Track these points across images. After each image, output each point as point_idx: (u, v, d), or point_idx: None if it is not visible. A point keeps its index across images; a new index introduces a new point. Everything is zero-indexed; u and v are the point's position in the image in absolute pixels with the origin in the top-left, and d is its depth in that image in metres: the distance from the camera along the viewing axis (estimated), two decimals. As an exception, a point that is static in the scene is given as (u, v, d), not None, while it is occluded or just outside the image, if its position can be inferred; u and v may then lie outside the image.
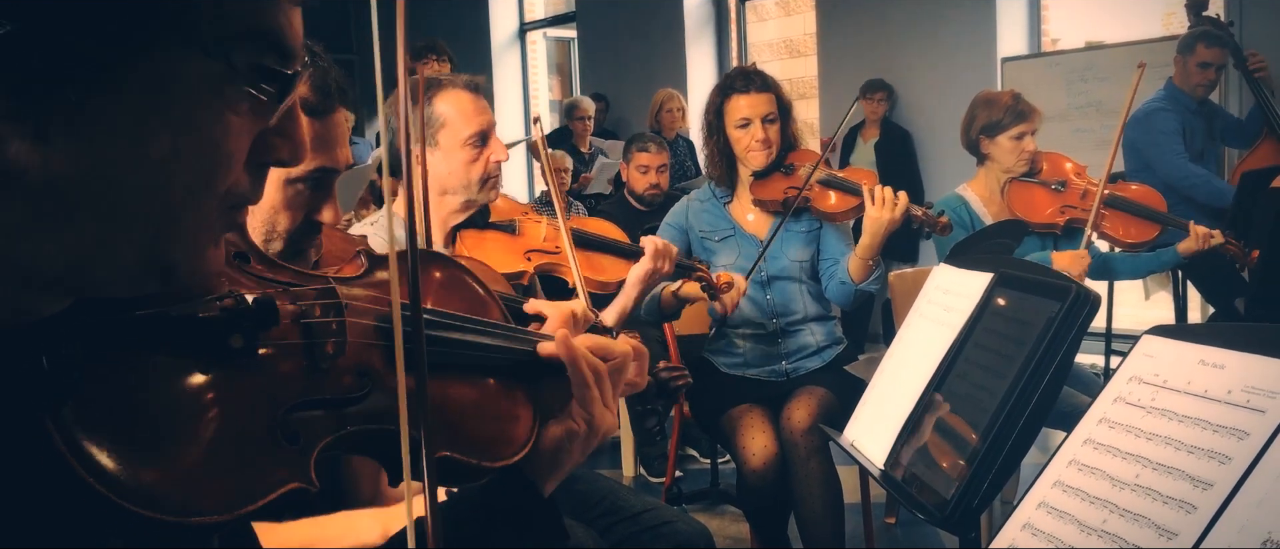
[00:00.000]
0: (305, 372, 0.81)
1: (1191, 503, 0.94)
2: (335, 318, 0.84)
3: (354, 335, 0.86)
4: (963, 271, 1.73)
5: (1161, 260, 3.57)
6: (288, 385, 0.79)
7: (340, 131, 1.44)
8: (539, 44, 10.73)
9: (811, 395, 2.98)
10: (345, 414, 0.82)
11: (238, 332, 0.75)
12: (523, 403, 1.03)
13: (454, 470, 0.93)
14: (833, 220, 3.15)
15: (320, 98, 1.39)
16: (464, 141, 2.29)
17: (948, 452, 1.49)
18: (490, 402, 1.00)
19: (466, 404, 0.97)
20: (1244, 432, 0.94)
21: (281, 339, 0.79)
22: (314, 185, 1.41)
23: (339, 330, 0.84)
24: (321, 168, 1.41)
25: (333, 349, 0.83)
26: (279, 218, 1.39)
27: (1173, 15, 8.18)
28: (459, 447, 0.92)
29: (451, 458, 0.91)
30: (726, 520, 3.92)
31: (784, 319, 3.17)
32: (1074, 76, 6.38)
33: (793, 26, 11.42)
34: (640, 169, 4.92)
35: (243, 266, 0.85)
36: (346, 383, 0.84)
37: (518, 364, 1.04)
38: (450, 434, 0.92)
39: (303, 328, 0.82)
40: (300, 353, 0.81)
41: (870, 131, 7.03)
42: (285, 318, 0.80)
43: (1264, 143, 4.61)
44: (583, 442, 1.09)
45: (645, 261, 2.63)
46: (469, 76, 2.39)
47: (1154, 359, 1.10)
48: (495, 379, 1.01)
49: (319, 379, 0.81)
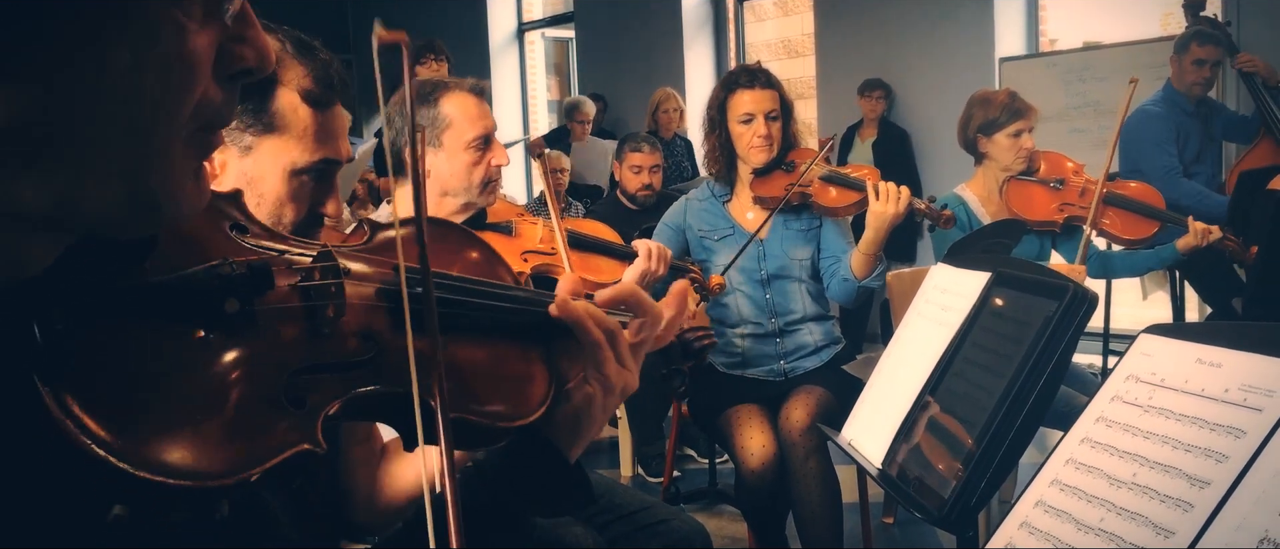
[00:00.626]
0: (307, 336, 0.81)
1: (1189, 501, 0.94)
2: (334, 281, 0.84)
3: (355, 299, 0.86)
4: (960, 271, 1.73)
5: (1161, 257, 3.57)
6: (290, 350, 0.79)
7: (342, 124, 1.46)
8: (537, 44, 10.73)
9: (810, 395, 2.98)
10: (351, 377, 0.82)
11: (232, 296, 0.75)
12: (537, 363, 1.02)
13: (469, 432, 0.92)
14: (834, 216, 3.15)
15: (322, 89, 1.41)
16: (467, 144, 2.32)
17: (945, 451, 1.49)
18: (503, 363, 0.99)
19: (479, 366, 0.96)
20: (1241, 430, 0.94)
21: (280, 304, 0.80)
22: (318, 177, 1.43)
23: (338, 293, 0.84)
24: (325, 159, 1.43)
25: (333, 312, 0.83)
26: (285, 210, 1.41)
27: (1170, 16, 8.19)
28: (473, 409, 0.91)
29: (465, 419, 0.90)
30: (725, 520, 3.92)
31: (783, 318, 3.18)
32: (1072, 77, 6.39)
33: (790, 27, 11.43)
34: (633, 169, 4.92)
35: (241, 237, 0.85)
36: (352, 346, 0.84)
37: (531, 325, 1.03)
38: (463, 396, 0.91)
39: (301, 291, 0.82)
40: (300, 316, 0.81)
41: (868, 131, 7.03)
42: (283, 283, 0.80)
43: (1262, 143, 4.61)
44: (602, 403, 1.07)
45: (639, 263, 2.66)
46: (474, 80, 2.44)
47: (1151, 358, 1.10)
48: (507, 340, 1.00)
49: (321, 343, 0.82)
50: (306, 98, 1.39)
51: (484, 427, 0.92)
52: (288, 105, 1.39)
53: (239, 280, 0.75)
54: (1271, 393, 0.93)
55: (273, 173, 1.39)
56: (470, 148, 2.33)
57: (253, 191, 1.38)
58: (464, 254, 1.09)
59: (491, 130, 2.38)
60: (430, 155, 2.33)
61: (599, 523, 2.15)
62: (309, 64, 1.39)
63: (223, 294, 0.74)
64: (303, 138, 1.40)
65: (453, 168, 2.33)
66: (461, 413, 0.90)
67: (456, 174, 2.34)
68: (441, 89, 2.37)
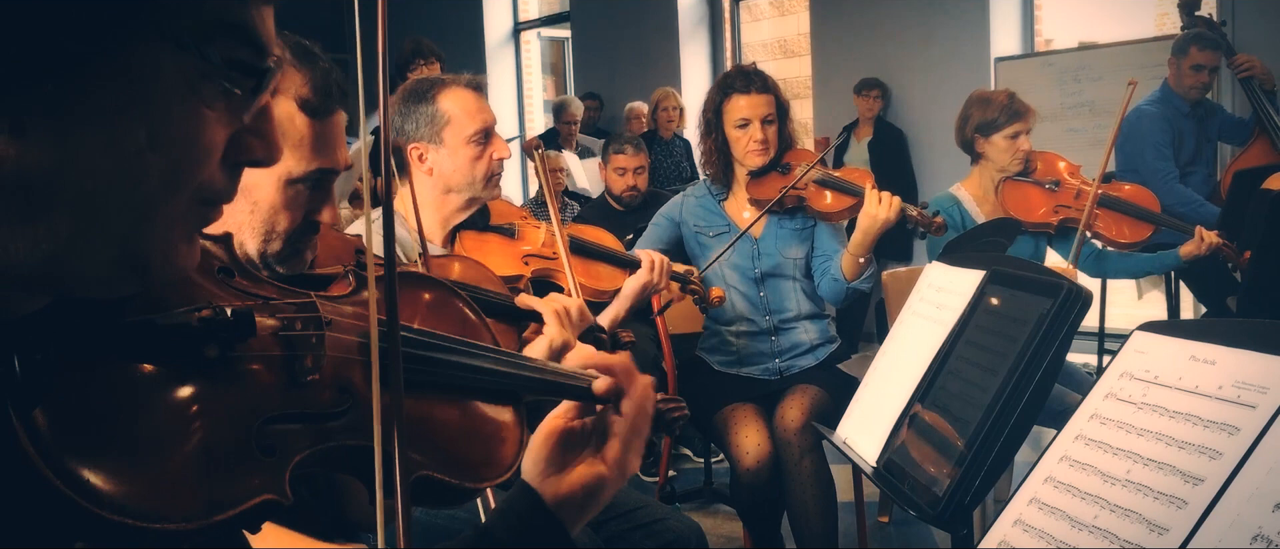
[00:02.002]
0: (284, 385, 0.81)
1: (1182, 498, 0.94)
2: (315, 332, 0.84)
3: (334, 351, 0.86)
4: (955, 269, 1.73)
5: (1162, 262, 3.58)
6: (265, 398, 0.79)
7: (339, 132, 1.44)
8: (533, 44, 10.72)
9: (805, 394, 2.99)
10: (324, 429, 0.82)
11: (213, 342, 0.75)
12: (510, 422, 1.02)
13: (435, 490, 0.92)
14: (828, 220, 3.15)
15: (320, 99, 1.39)
16: (468, 138, 2.32)
17: (939, 449, 1.49)
18: (475, 421, 0.99)
19: (451, 424, 0.97)
20: (1235, 427, 0.94)
21: (260, 352, 0.80)
22: (313, 186, 1.41)
23: (318, 345, 0.84)
24: (321, 169, 1.41)
25: (311, 363, 0.83)
26: (279, 218, 1.39)
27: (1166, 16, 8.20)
28: (441, 466, 0.91)
29: (432, 477, 0.90)
30: (720, 519, 3.92)
31: (777, 317, 3.18)
32: (1067, 76, 6.40)
33: (786, 26, 11.43)
34: (618, 171, 4.92)
35: (227, 281, 0.85)
36: (326, 399, 0.84)
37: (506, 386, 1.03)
38: (432, 454, 0.91)
39: (282, 341, 0.82)
40: (279, 366, 0.81)
41: (864, 130, 7.04)
42: (264, 331, 0.80)
43: (1256, 143, 4.62)
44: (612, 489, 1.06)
45: (642, 274, 2.66)
46: (470, 75, 2.44)
47: (1145, 355, 1.10)
48: (481, 398, 1.00)
49: (298, 393, 0.81)
50: (304, 107, 1.38)
51: (452, 486, 0.92)
52: (284, 115, 1.37)
53: (221, 326, 0.75)
54: (1265, 389, 0.93)
55: (267, 181, 1.37)
56: (471, 142, 2.33)
57: (247, 199, 1.36)
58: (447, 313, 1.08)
59: (491, 124, 2.39)
60: (432, 153, 2.33)
61: (594, 522, 2.15)
62: (308, 72, 1.37)
63: (204, 339, 0.74)
64: (298, 147, 1.38)
65: (455, 163, 2.33)
66: (429, 472, 0.90)
67: (459, 169, 2.34)
68: (438, 86, 2.37)
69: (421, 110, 2.33)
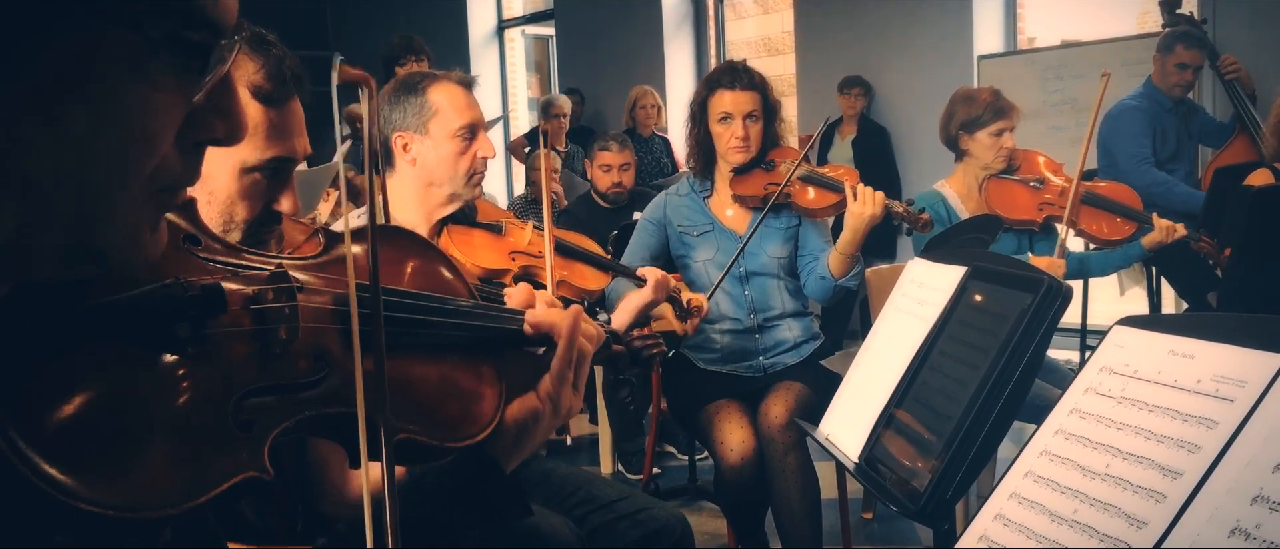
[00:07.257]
0: (258, 358, 0.79)
1: (1161, 492, 0.95)
2: (288, 302, 0.82)
3: (308, 319, 0.84)
4: (937, 265, 1.73)
5: (1128, 254, 3.60)
6: (239, 373, 0.77)
7: (297, 120, 1.42)
8: (517, 41, 10.70)
9: (789, 391, 2.99)
10: (300, 399, 0.80)
11: (184, 321, 0.73)
12: (488, 379, 1.00)
13: (415, 451, 0.91)
14: (813, 216, 3.16)
15: (276, 86, 1.37)
16: (453, 132, 2.34)
17: (921, 445, 1.49)
18: (453, 380, 0.98)
19: (429, 384, 0.95)
20: (1213, 421, 0.94)
21: (232, 326, 0.77)
22: (271, 175, 1.39)
23: (291, 315, 0.81)
24: (278, 157, 1.39)
25: (285, 335, 0.81)
26: (236, 208, 1.37)
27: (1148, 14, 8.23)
28: (421, 427, 0.90)
29: (413, 439, 0.89)
30: (704, 516, 3.92)
31: (762, 315, 3.18)
32: (1050, 74, 6.42)
33: (771, 24, 11.45)
34: (603, 168, 4.91)
35: (193, 250, 0.82)
36: (302, 367, 0.82)
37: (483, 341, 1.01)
38: (412, 415, 0.90)
39: (254, 314, 0.80)
40: (251, 339, 0.79)
41: (848, 128, 7.06)
42: (235, 304, 0.78)
43: (1237, 139, 4.65)
44: (547, 425, 1.06)
45: (647, 292, 2.68)
46: (461, 73, 2.46)
47: (1124, 349, 1.11)
48: (459, 356, 0.99)
49: (272, 365, 0.79)
50: (257, 94, 1.35)
51: (431, 446, 0.91)
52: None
53: (191, 303, 0.73)
54: (1243, 383, 0.93)
55: (222, 170, 1.35)
56: (456, 136, 2.34)
57: (203, 189, 1.34)
58: (420, 266, 1.06)
59: (479, 121, 2.40)
60: (416, 143, 2.34)
61: (578, 515, 2.15)
62: (261, 59, 1.35)
63: (174, 318, 0.72)
64: (253, 135, 1.35)
65: (439, 156, 2.35)
66: (410, 434, 0.88)
67: (443, 162, 2.35)
68: (429, 79, 2.39)
69: (410, 100, 2.34)
